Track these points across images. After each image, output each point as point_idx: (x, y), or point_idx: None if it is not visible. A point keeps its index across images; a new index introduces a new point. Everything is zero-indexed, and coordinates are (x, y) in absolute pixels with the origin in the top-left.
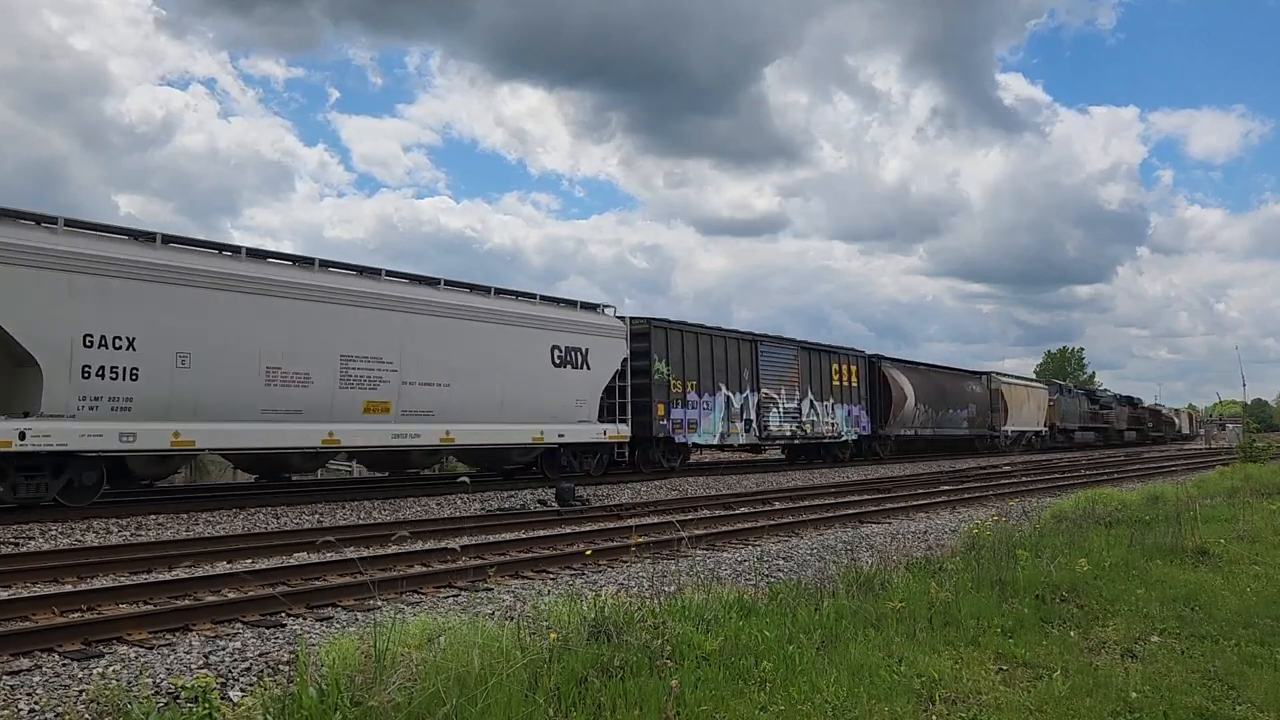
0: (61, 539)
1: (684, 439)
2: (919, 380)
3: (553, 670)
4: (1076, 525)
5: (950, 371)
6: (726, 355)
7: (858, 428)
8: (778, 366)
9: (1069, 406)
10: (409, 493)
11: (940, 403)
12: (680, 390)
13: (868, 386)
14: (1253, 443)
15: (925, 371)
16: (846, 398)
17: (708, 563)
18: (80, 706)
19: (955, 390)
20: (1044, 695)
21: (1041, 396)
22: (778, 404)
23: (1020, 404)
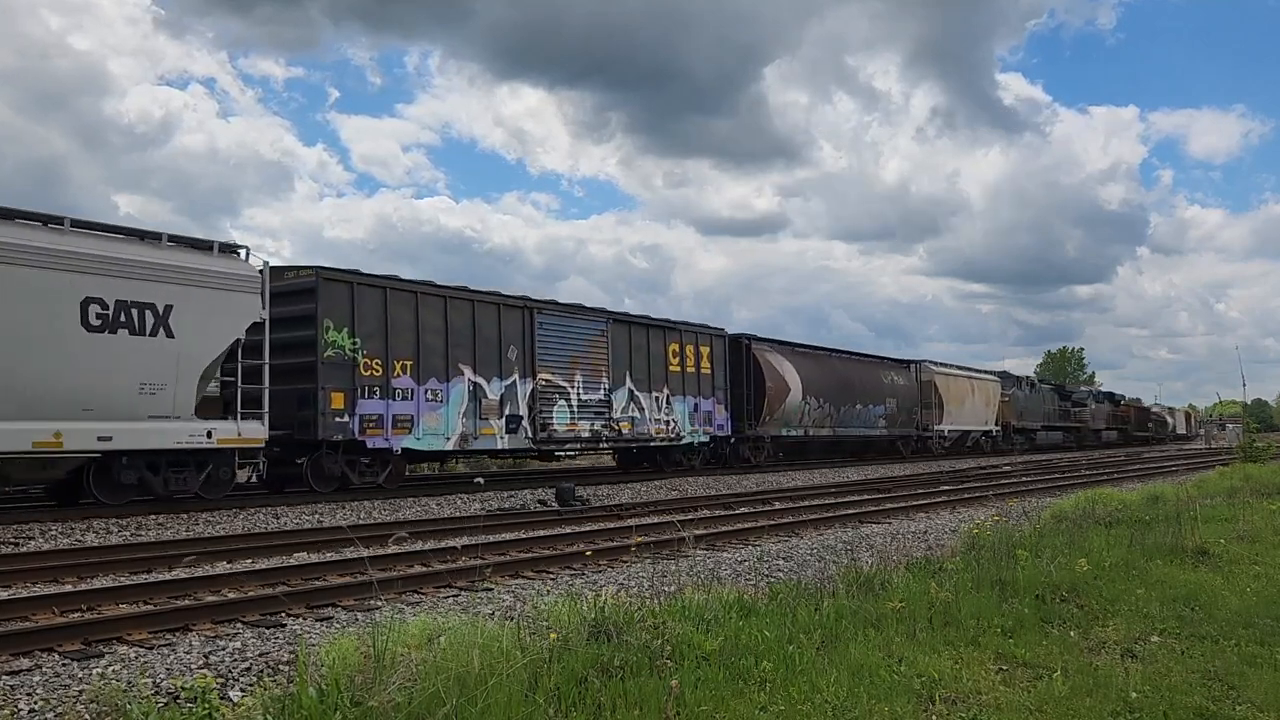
0: (61, 539)
1: (384, 443)
2: (811, 368)
3: (553, 670)
4: (1076, 525)
5: (859, 359)
6: (476, 326)
7: (709, 427)
8: (571, 344)
9: (1029, 403)
10: (409, 493)
11: (843, 396)
12: (379, 373)
13: (728, 374)
14: (1253, 443)
15: (821, 357)
16: (692, 388)
17: (708, 563)
18: (80, 706)
19: (867, 382)
20: (1044, 695)
21: (991, 390)
22: (569, 395)
23: (961, 399)
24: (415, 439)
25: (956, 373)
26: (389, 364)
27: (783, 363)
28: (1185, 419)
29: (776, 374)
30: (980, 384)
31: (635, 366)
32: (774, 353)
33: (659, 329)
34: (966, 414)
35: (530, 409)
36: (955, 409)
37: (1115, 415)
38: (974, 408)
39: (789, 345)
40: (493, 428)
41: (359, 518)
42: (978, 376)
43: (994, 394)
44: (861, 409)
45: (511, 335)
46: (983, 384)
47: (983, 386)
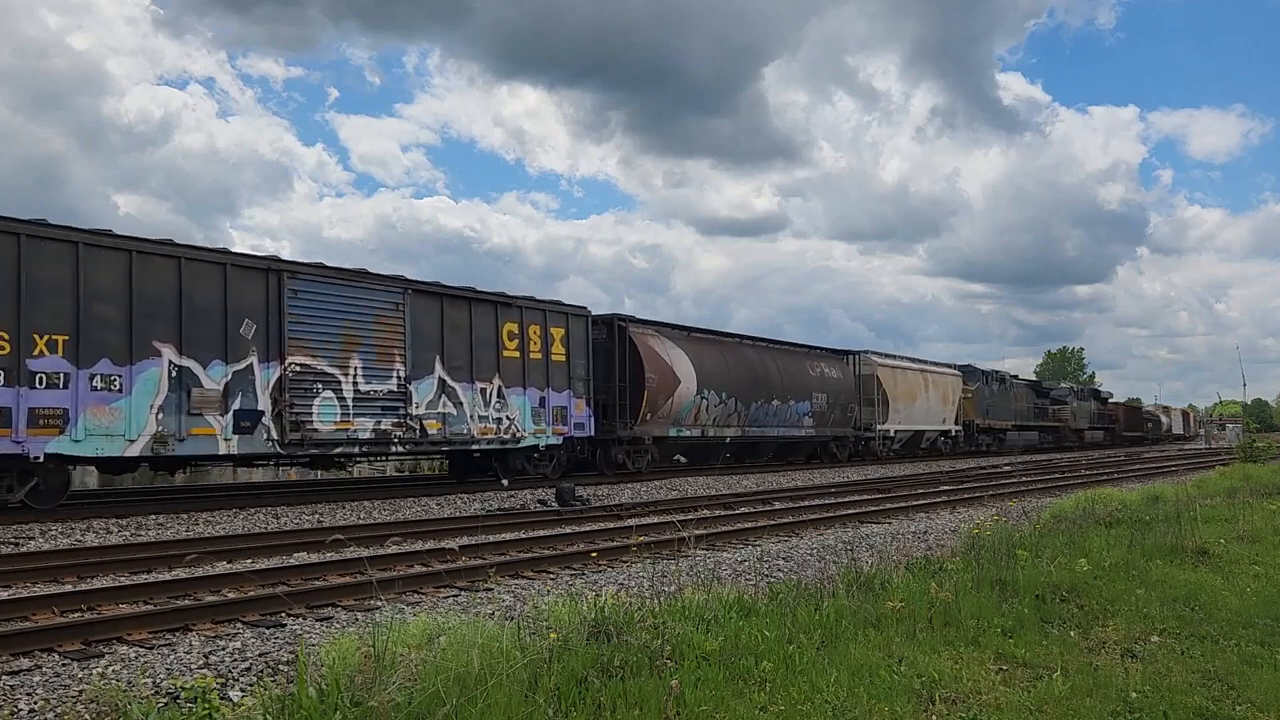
0: (61, 539)
1: (11, 446)
2: (712, 357)
3: (553, 670)
4: (1076, 525)
5: (778, 348)
6: (185, 293)
7: (562, 426)
8: (344, 319)
9: (998, 400)
10: (409, 493)
11: (756, 391)
12: (4, 350)
13: (594, 362)
14: (1253, 443)
15: (726, 345)
16: (538, 379)
17: (708, 563)
18: (80, 706)
19: (789, 374)
20: (1044, 695)
21: (950, 386)
22: (340, 384)
23: (912, 394)
24: (73, 440)
25: (906, 365)
26: (21, 338)
27: (671, 350)
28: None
29: (662, 363)
30: (937, 378)
31: (451, 351)
32: (658, 338)
33: (488, 305)
34: (919, 412)
35: (276, 402)
36: (904, 406)
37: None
38: (928, 405)
39: (682, 330)
40: (211, 426)
41: (359, 518)
42: (933, 370)
43: (953, 390)
44: (781, 406)
45: (246, 305)
46: (940, 378)
47: (940, 381)
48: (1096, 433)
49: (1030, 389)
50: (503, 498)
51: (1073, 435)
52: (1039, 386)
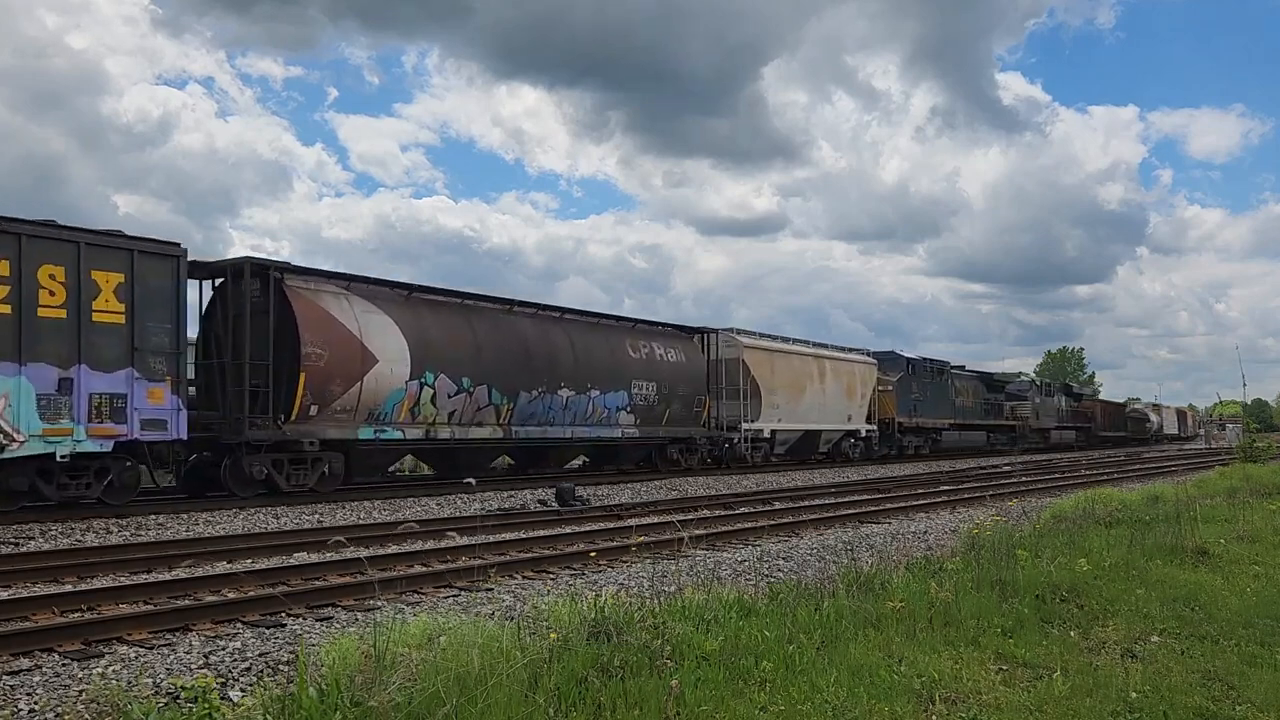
0: (61, 539)
1: None
2: (446, 327)
3: (553, 670)
4: (1076, 525)
5: (580, 319)
6: None
7: (111, 424)
8: None
9: (931, 395)
10: (409, 493)
11: (531, 377)
12: None
13: (177, 324)
14: (1253, 443)
15: (478, 311)
16: (55, 348)
17: (708, 563)
18: (80, 706)
19: (593, 355)
20: (1044, 695)
21: (859, 376)
22: None
23: (798, 385)
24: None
25: (790, 349)
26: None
27: (366, 315)
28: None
29: (337, 332)
30: (839, 367)
31: None
32: (341, 296)
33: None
34: (810, 408)
35: None
36: (788, 400)
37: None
38: (824, 399)
39: (390, 287)
40: None
41: (359, 518)
42: (833, 356)
43: (864, 381)
44: (577, 397)
45: None
46: (843, 366)
47: (843, 370)
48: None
49: (979, 381)
50: (503, 498)
51: (1034, 436)
52: (991, 379)
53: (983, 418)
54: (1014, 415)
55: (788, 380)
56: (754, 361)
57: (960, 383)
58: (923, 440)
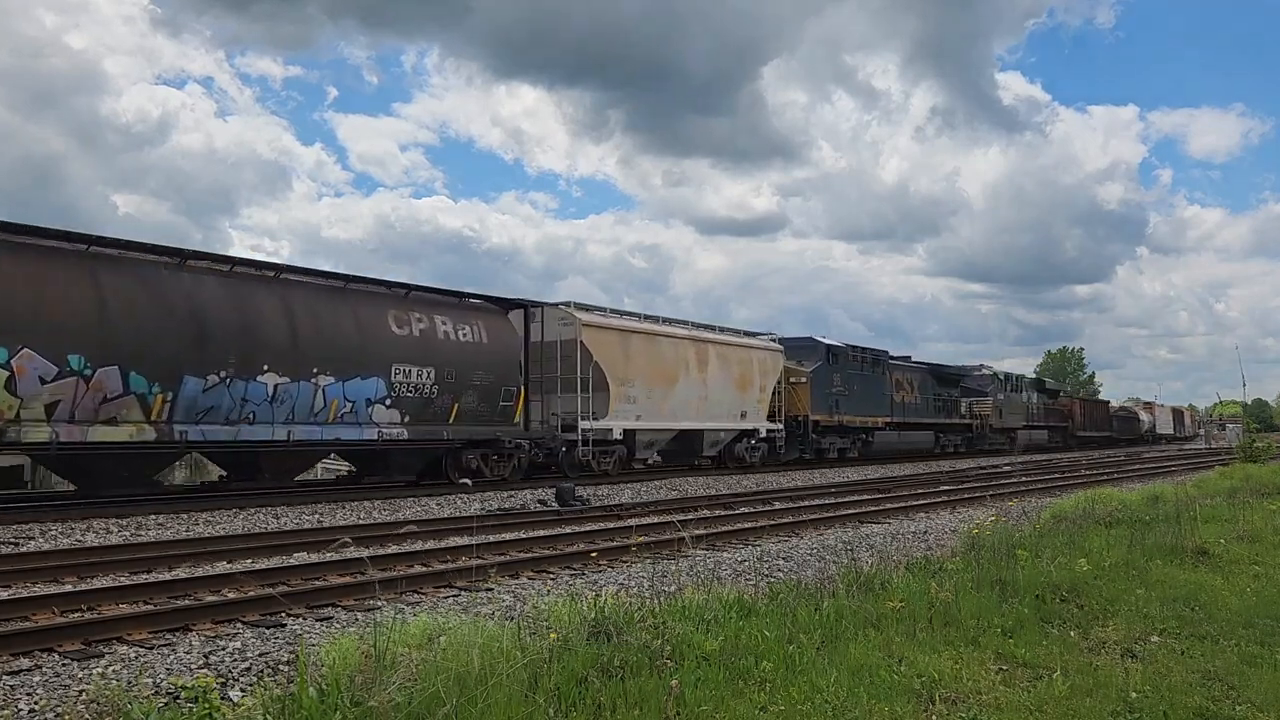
0: (61, 539)
1: None
2: (43, 279)
3: (553, 670)
4: (1076, 525)
5: (301, 280)
6: None
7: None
8: None
9: (861, 388)
10: (409, 493)
11: (216, 357)
12: None
13: None
14: (1253, 443)
15: (116, 263)
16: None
17: (708, 563)
18: (80, 706)
19: (323, 327)
20: (1044, 695)
21: (758, 364)
22: None
23: (667, 376)
24: None
25: (653, 329)
26: None
27: None
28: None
29: None
30: (728, 353)
31: None
32: None
33: None
34: (685, 403)
35: None
36: (649, 392)
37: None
38: (709, 392)
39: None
40: None
41: (359, 518)
42: (718, 340)
43: (764, 371)
44: (290, 386)
45: None
46: (734, 353)
47: (733, 357)
48: (1037, 433)
49: (927, 374)
50: (503, 498)
51: (996, 436)
52: (943, 371)
53: (931, 415)
54: (971, 413)
55: (650, 368)
56: (598, 344)
57: (902, 375)
58: (849, 441)
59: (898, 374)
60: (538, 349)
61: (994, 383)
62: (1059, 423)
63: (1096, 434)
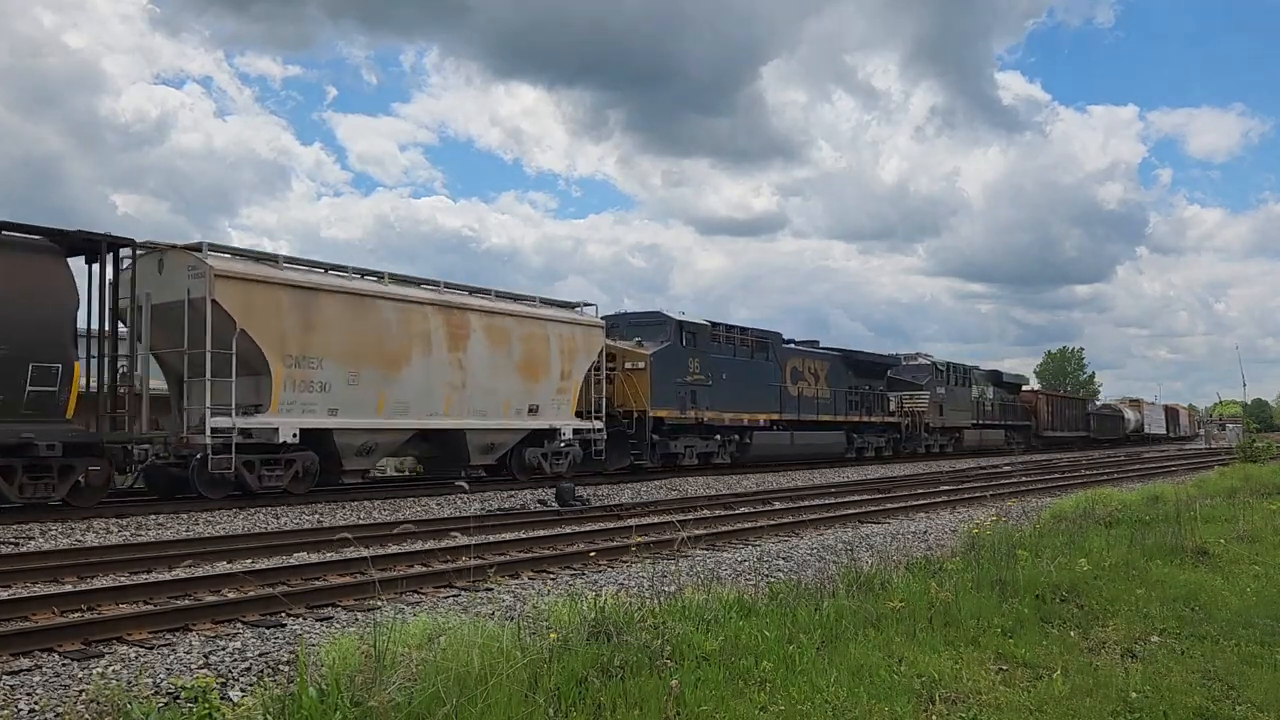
0: (61, 539)
1: None
2: None
3: (553, 670)
4: (1076, 525)
5: None
6: None
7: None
8: None
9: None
10: (409, 493)
11: None
12: None
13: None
14: (1253, 443)
15: None
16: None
17: (708, 563)
18: (80, 706)
19: None
20: (1044, 695)
21: (562, 343)
22: None
23: (396, 355)
24: None
25: (361, 288)
26: None
27: None
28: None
29: None
30: (508, 326)
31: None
32: None
33: None
34: (427, 392)
35: None
36: (356, 379)
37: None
38: (467, 378)
39: None
40: None
41: (359, 518)
42: (488, 308)
43: (569, 351)
44: None
45: None
46: (518, 326)
47: (518, 331)
48: (991, 433)
49: (842, 362)
50: (503, 498)
51: (938, 437)
52: (861, 359)
53: (844, 412)
54: (902, 409)
55: (356, 342)
56: (248, 305)
57: (801, 362)
58: (716, 445)
59: (794, 361)
60: (161, 311)
61: (933, 374)
62: (1019, 421)
63: (1069, 434)
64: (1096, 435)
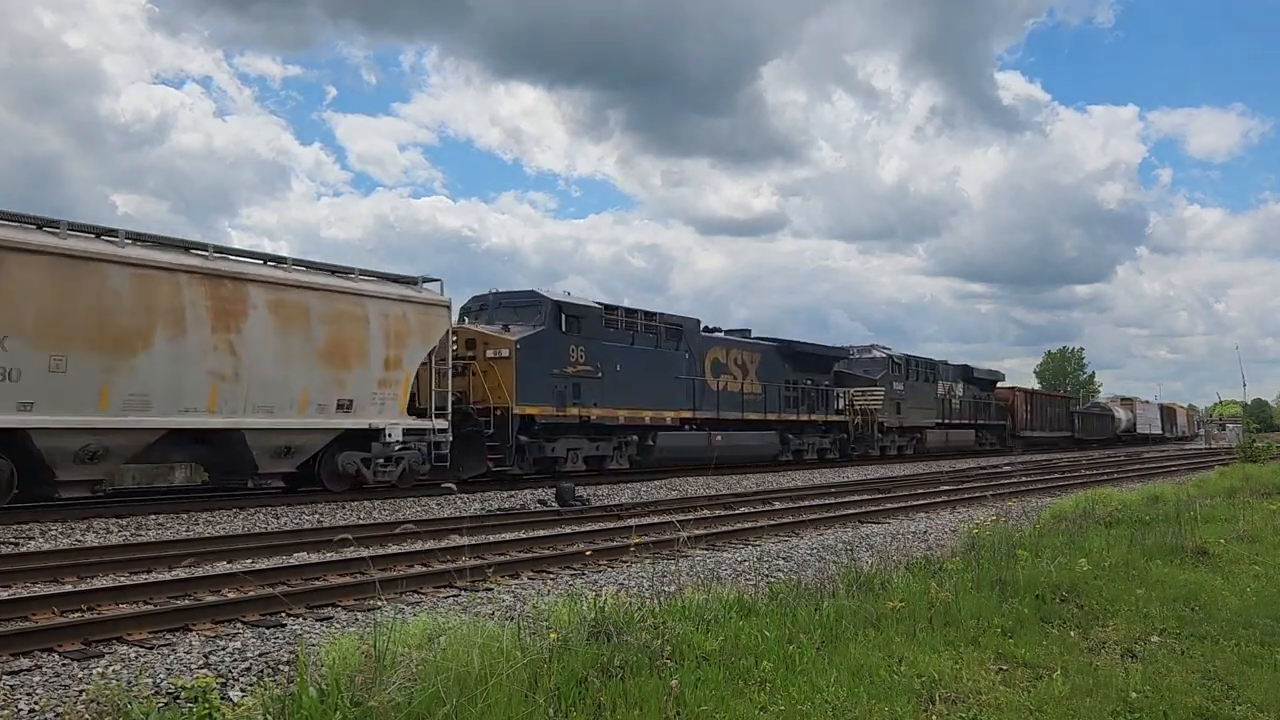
0: (61, 539)
1: None
2: None
3: (553, 670)
4: (1076, 525)
5: None
6: None
7: None
8: None
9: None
10: (409, 493)
11: None
12: None
13: None
14: (1253, 443)
15: None
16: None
17: (708, 563)
18: (80, 706)
19: None
20: (1044, 695)
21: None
22: None
23: (128, 335)
24: None
25: (71, 248)
26: None
27: None
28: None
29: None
30: (299, 300)
31: None
32: None
33: None
34: (177, 382)
35: None
36: (60, 364)
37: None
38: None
39: None
40: None
41: (359, 518)
42: (258, 277)
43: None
44: None
45: None
46: (313, 302)
47: (315, 309)
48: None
49: (778, 353)
50: (503, 498)
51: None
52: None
53: (779, 410)
54: (853, 407)
55: (63, 316)
56: None
57: (726, 353)
58: (607, 447)
59: (715, 352)
60: None
61: (888, 367)
62: (994, 420)
63: (1050, 434)
64: (1083, 436)
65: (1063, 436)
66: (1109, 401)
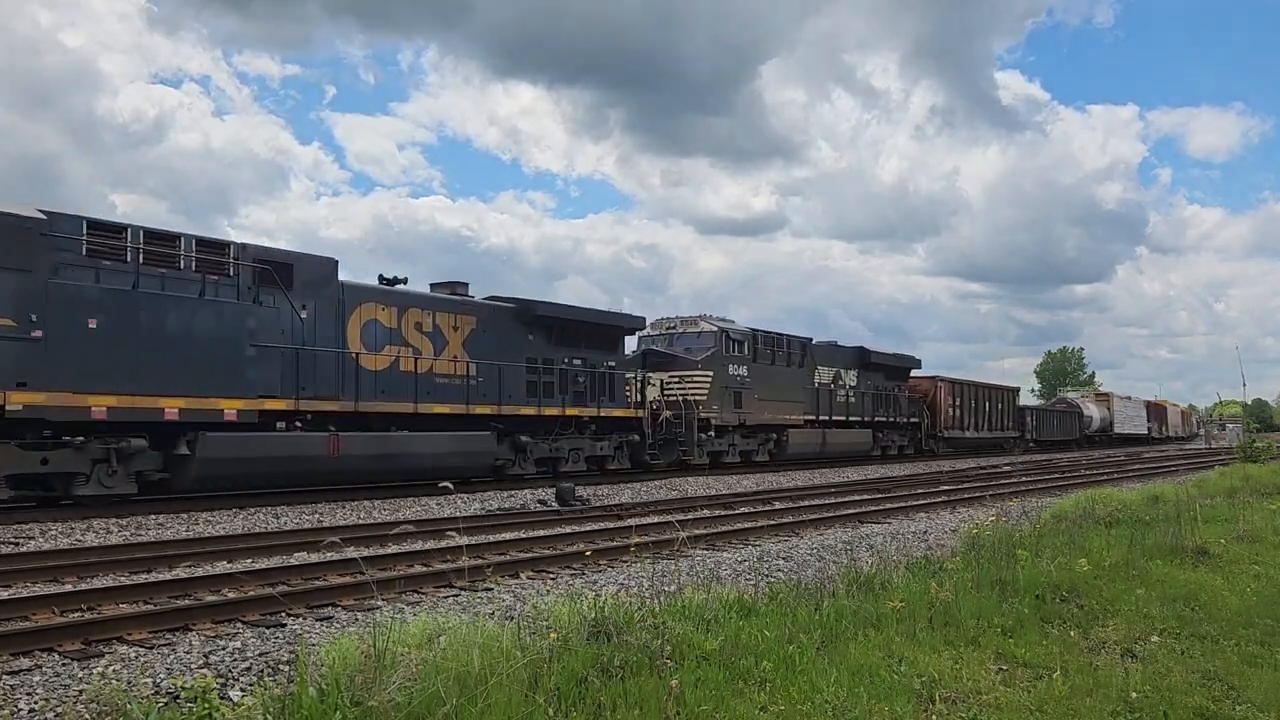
0: (61, 539)
1: None
2: None
3: (553, 670)
4: (1076, 525)
5: None
6: None
7: None
8: None
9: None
10: (409, 493)
11: None
12: None
13: None
14: (1253, 443)
15: None
16: None
17: (708, 563)
18: (80, 706)
19: None
20: (1044, 695)
21: None
22: None
23: None
24: None
25: None
26: None
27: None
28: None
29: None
30: None
31: None
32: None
33: None
34: None
35: None
36: None
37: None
38: None
39: None
40: None
41: (359, 518)
42: None
43: None
44: None
45: None
46: None
47: None
48: (843, 433)
49: (514, 317)
50: (503, 498)
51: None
52: (573, 319)
53: (506, 400)
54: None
55: None
56: None
57: (434, 316)
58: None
59: (415, 311)
60: None
61: (721, 344)
62: (903, 416)
63: (987, 435)
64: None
65: (1010, 438)
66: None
